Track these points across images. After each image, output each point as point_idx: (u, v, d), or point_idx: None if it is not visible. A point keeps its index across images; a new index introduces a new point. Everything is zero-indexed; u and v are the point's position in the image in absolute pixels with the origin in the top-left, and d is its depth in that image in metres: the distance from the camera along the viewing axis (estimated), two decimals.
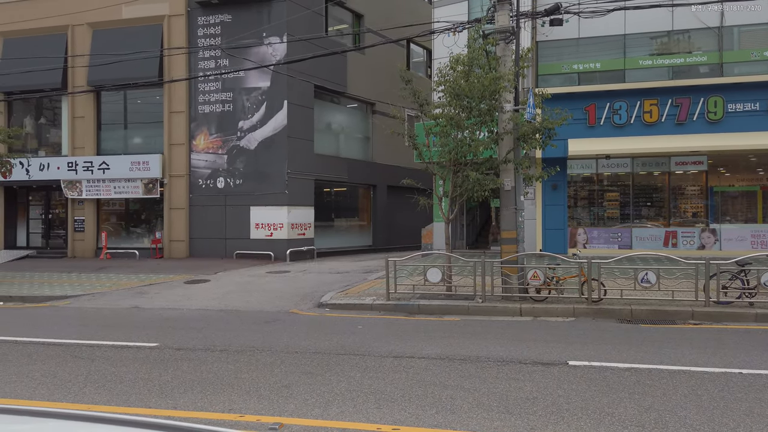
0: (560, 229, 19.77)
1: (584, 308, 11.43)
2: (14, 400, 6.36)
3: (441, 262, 14.07)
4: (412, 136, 14.20)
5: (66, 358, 8.22)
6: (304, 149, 22.95)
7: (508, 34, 12.97)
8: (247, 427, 5.41)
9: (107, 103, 24.57)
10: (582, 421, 5.44)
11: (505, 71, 12.74)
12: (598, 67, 19.48)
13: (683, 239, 19.10)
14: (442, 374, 7.09)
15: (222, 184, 22.71)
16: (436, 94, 13.93)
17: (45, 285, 16.55)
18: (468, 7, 21.24)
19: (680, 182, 19.66)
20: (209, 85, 22.78)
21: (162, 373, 7.31)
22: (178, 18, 22.86)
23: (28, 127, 25.66)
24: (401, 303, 12.34)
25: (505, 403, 5.95)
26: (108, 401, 6.22)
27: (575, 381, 6.74)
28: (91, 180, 23.63)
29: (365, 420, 5.54)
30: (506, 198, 12.98)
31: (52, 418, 1.95)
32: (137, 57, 21.61)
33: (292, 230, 22.22)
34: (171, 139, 23.09)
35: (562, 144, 17.79)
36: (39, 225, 26.12)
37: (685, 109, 18.37)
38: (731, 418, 5.47)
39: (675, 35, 19.12)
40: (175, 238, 23.11)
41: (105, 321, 11.18)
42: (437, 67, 15.90)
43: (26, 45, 24.21)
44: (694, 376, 6.94)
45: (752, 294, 11.46)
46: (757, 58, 18.38)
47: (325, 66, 23.49)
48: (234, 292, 14.85)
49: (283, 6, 21.96)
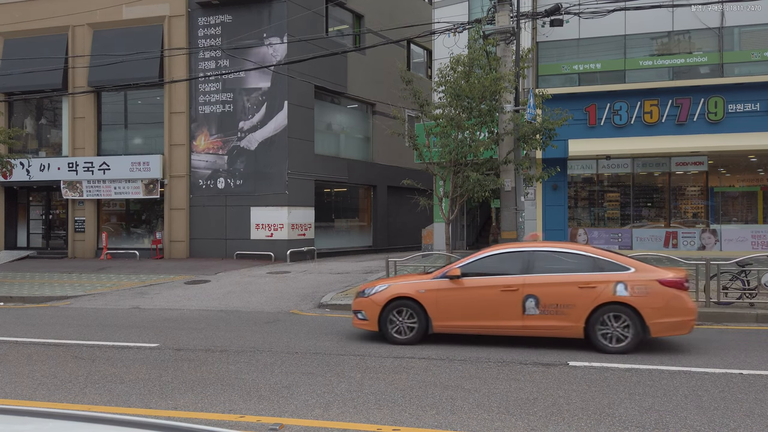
0: (560, 229, 19.77)
1: None
2: (14, 400, 6.36)
3: (441, 262, 14.07)
4: (412, 137, 14.22)
5: (66, 358, 8.22)
6: (305, 150, 22.95)
7: (509, 35, 12.98)
8: (247, 427, 5.41)
9: (108, 104, 24.58)
10: (582, 421, 5.44)
11: (506, 72, 12.75)
12: (599, 68, 19.48)
13: (684, 240, 19.09)
14: (442, 375, 7.09)
15: (222, 184, 22.71)
16: (437, 94, 13.94)
17: (45, 285, 16.55)
18: (468, 7, 21.24)
19: (680, 183, 19.66)
20: (210, 86, 22.78)
21: (162, 373, 7.31)
22: (179, 18, 22.87)
23: (28, 127, 25.66)
24: None
25: (506, 404, 5.95)
26: (108, 402, 6.22)
27: (575, 381, 6.74)
28: (92, 180, 23.63)
29: (365, 420, 5.54)
30: (506, 198, 12.99)
31: (52, 419, 1.95)
32: (138, 57, 21.61)
33: (293, 231, 22.22)
34: (171, 139, 23.09)
35: (562, 144, 17.80)
36: (39, 225, 26.12)
37: (686, 110, 18.37)
38: (732, 419, 5.47)
39: (675, 36, 19.12)
40: (175, 239, 23.11)
41: (105, 321, 11.18)
42: (438, 68, 15.90)
43: (27, 45, 24.22)
44: (694, 376, 6.94)
45: (753, 294, 11.46)
46: (758, 59, 18.37)
47: (325, 66, 23.50)
48: (234, 293, 14.84)
49: (284, 6, 21.97)
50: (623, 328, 8.06)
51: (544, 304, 8.28)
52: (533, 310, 8.31)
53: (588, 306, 8.12)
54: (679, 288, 8.10)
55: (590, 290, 8.16)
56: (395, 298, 8.93)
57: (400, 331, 8.88)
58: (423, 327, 8.80)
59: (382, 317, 8.94)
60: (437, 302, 8.75)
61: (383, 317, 8.94)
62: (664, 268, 8.59)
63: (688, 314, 8.09)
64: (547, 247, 8.96)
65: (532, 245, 9.20)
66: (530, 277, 8.45)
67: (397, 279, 9.68)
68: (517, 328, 8.46)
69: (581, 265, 8.44)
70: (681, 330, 8.15)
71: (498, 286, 8.52)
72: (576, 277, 8.30)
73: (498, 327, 8.55)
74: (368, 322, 9.06)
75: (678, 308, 8.04)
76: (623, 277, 8.16)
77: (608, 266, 8.33)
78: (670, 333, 8.17)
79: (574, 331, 8.25)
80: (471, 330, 8.75)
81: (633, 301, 8.01)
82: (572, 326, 8.22)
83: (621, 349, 8.03)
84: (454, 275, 8.74)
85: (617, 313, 8.08)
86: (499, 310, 8.47)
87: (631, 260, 8.51)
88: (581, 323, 8.17)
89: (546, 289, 8.32)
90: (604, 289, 8.13)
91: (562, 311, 8.23)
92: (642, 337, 8.09)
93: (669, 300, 8.02)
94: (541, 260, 8.66)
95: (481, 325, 8.61)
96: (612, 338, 8.10)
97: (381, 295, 9.04)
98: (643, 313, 7.98)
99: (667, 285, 8.07)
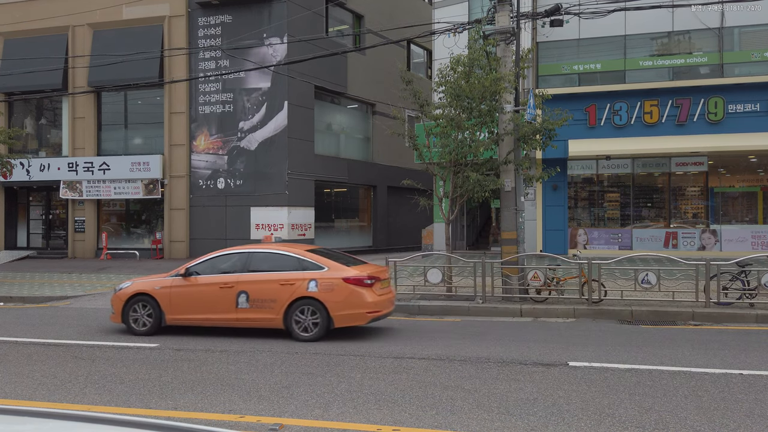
0: (560, 229, 19.77)
1: (584, 309, 11.42)
2: (14, 400, 6.36)
3: (441, 262, 14.07)
4: (412, 137, 14.20)
5: (66, 358, 8.22)
6: (305, 150, 22.95)
7: (509, 35, 12.98)
8: (247, 427, 5.41)
9: (108, 104, 24.57)
10: (582, 422, 5.44)
11: (506, 72, 12.74)
12: (599, 68, 19.48)
13: (684, 240, 19.09)
14: (442, 375, 7.09)
15: (222, 184, 22.71)
16: (437, 94, 13.93)
17: (45, 285, 16.55)
18: (468, 7, 21.24)
19: (680, 183, 19.65)
20: (210, 86, 22.78)
21: (162, 373, 7.31)
22: (179, 19, 22.86)
23: (28, 127, 25.66)
24: (402, 304, 12.33)
25: (506, 404, 5.95)
26: (108, 402, 6.22)
27: (575, 382, 6.74)
28: (92, 180, 23.63)
29: (365, 421, 5.54)
30: (506, 199, 12.98)
31: (52, 419, 1.95)
32: (138, 57, 21.60)
33: (293, 231, 22.21)
34: (171, 139, 23.09)
35: (562, 145, 17.79)
36: (39, 225, 26.11)
37: (686, 110, 18.37)
38: (732, 419, 5.47)
39: (675, 36, 19.12)
40: (175, 239, 23.11)
41: (105, 321, 11.17)
42: (438, 68, 15.90)
43: (27, 45, 24.21)
44: (694, 377, 6.93)
45: (753, 295, 11.46)
46: (758, 59, 18.37)
47: (325, 67, 23.49)
48: None
49: (284, 7, 21.97)
50: (314, 319, 9.15)
51: (253, 299, 9.36)
52: (245, 305, 9.39)
53: (286, 300, 9.23)
54: (360, 285, 9.16)
55: (289, 286, 9.28)
56: (136, 294, 9.90)
57: (140, 323, 9.83)
58: (158, 320, 9.78)
59: (125, 311, 9.91)
60: (170, 298, 9.74)
61: (125, 311, 9.90)
62: (356, 267, 9.56)
63: (366, 307, 9.15)
64: (263, 249, 10.12)
65: (252, 247, 10.37)
66: (244, 275, 9.53)
67: (145, 278, 10.61)
68: (232, 320, 9.53)
69: (288, 264, 9.52)
70: (359, 321, 9.28)
71: (218, 283, 9.59)
72: (279, 275, 9.41)
73: (218, 319, 9.60)
74: (115, 315, 10.04)
75: (356, 302, 9.12)
76: (316, 275, 9.26)
77: (310, 266, 9.42)
78: (350, 323, 9.28)
79: (277, 322, 9.31)
80: (197, 322, 9.74)
81: (320, 296, 9.13)
82: (275, 318, 9.29)
83: (311, 337, 9.12)
84: (182, 274, 9.79)
85: (309, 306, 9.19)
86: (218, 305, 9.52)
87: (329, 261, 9.51)
88: (281, 315, 9.26)
89: (255, 286, 9.41)
90: (300, 285, 9.25)
91: (267, 305, 9.32)
92: (328, 327, 9.15)
93: (348, 295, 9.11)
94: (257, 261, 9.74)
95: (205, 317, 9.66)
96: (305, 328, 9.18)
97: (125, 291, 10.03)
98: (328, 306, 9.10)
99: (350, 282, 9.16)
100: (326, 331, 9.17)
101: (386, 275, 9.95)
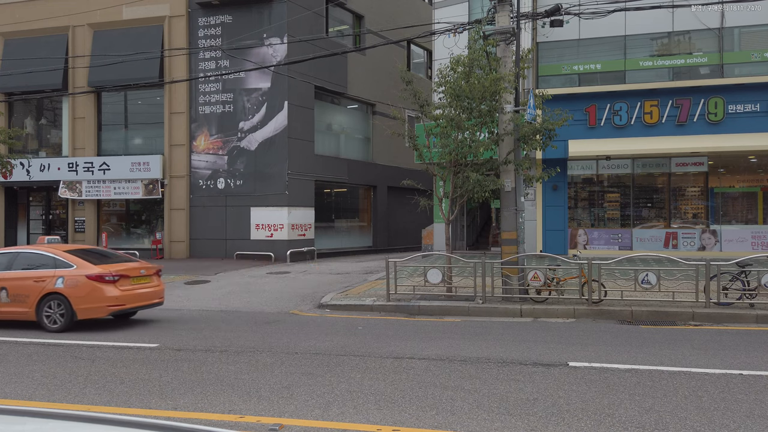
0: (560, 230, 19.76)
1: (585, 309, 11.42)
2: (14, 400, 6.36)
3: (441, 263, 14.07)
4: (412, 137, 14.20)
5: (66, 358, 8.22)
6: (305, 150, 22.96)
7: (509, 35, 12.98)
8: (247, 428, 5.41)
9: (108, 104, 24.58)
10: (582, 422, 5.44)
11: (506, 72, 12.74)
12: (599, 68, 19.48)
13: (684, 240, 19.09)
14: (442, 375, 7.09)
15: (222, 184, 22.72)
16: (437, 95, 13.93)
17: None
18: (468, 8, 21.23)
19: (681, 183, 19.65)
20: (210, 86, 22.79)
21: (162, 373, 7.31)
22: (179, 19, 22.87)
23: (28, 127, 25.67)
24: (402, 304, 12.34)
25: (506, 404, 5.95)
26: (108, 402, 6.22)
27: (575, 382, 6.74)
28: (92, 181, 23.64)
29: (365, 421, 5.54)
30: (506, 199, 12.98)
31: (52, 419, 1.95)
32: (138, 58, 21.61)
33: (293, 231, 22.22)
34: (171, 139, 23.10)
35: (562, 145, 17.79)
36: (39, 225, 26.12)
37: (686, 110, 18.37)
38: (732, 420, 5.47)
39: (675, 36, 19.11)
40: (175, 239, 23.12)
41: (105, 321, 11.17)
42: (438, 68, 15.90)
43: (27, 46, 24.22)
44: (694, 377, 6.93)
45: (753, 295, 11.46)
46: (758, 59, 18.37)
47: (325, 67, 23.50)
48: (234, 293, 14.84)
49: (284, 7, 21.97)
50: (60, 311, 10.21)
51: (13, 294, 10.45)
52: (6, 299, 10.51)
53: (37, 295, 10.31)
54: (101, 281, 10.18)
55: (41, 283, 10.36)
56: None
57: None
58: None
59: None
60: None
61: None
62: (103, 266, 10.42)
63: (106, 301, 10.18)
64: (28, 250, 11.25)
65: (20, 248, 11.58)
66: (8, 273, 10.62)
67: None
68: None
69: (46, 263, 10.55)
70: (99, 313, 10.35)
71: None
72: (34, 273, 10.49)
73: None
74: None
75: (97, 297, 10.16)
76: (65, 272, 10.31)
77: (62, 264, 10.42)
78: (91, 316, 10.31)
79: (30, 315, 10.37)
80: None
81: (65, 292, 10.19)
82: (29, 311, 10.36)
83: (57, 329, 10.18)
84: None
85: (57, 301, 10.25)
86: None
87: (79, 260, 10.44)
88: (33, 309, 10.34)
89: (14, 283, 10.50)
90: (49, 282, 10.31)
91: (23, 300, 10.39)
92: (72, 319, 10.17)
93: (90, 291, 10.16)
94: (21, 260, 10.81)
95: None
96: (54, 320, 10.23)
97: None
98: (72, 300, 10.16)
99: (92, 279, 10.17)
100: (71, 322, 10.21)
101: (140, 273, 10.79)
